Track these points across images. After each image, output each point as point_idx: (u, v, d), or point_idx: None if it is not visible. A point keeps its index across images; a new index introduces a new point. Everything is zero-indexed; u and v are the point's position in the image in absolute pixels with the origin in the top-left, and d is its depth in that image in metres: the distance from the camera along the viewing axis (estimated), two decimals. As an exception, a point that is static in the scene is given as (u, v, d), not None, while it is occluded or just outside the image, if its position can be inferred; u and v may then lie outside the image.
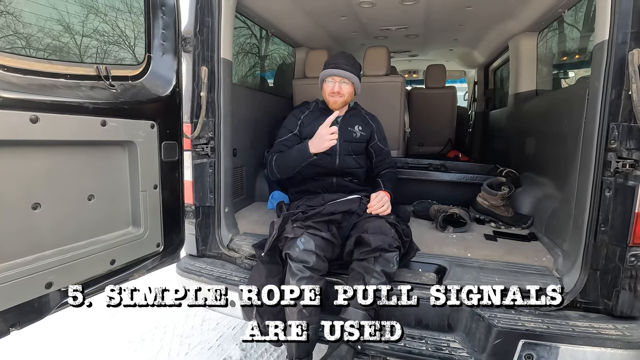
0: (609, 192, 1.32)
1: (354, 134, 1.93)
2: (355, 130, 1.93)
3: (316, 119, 1.91)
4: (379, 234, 1.50)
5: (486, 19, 2.74)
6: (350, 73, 1.85)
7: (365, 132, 1.96)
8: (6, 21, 1.18)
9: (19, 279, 1.01)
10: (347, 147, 1.91)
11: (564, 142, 1.76)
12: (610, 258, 1.35)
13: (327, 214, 1.62)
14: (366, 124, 1.99)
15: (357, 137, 1.93)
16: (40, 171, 1.08)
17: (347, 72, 1.84)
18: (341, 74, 1.83)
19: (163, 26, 1.48)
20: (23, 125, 0.99)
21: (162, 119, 1.44)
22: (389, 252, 1.46)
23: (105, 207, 1.28)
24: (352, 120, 1.95)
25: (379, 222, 1.57)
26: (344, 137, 1.89)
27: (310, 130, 1.84)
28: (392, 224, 1.58)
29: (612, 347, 1.24)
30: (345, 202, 1.72)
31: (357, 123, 1.95)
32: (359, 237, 1.52)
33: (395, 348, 1.39)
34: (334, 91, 1.85)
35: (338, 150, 1.88)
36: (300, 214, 1.62)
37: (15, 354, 2.07)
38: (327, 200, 1.75)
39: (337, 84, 1.84)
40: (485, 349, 1.32)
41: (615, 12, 1.28)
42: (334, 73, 1.84)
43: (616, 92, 1.30)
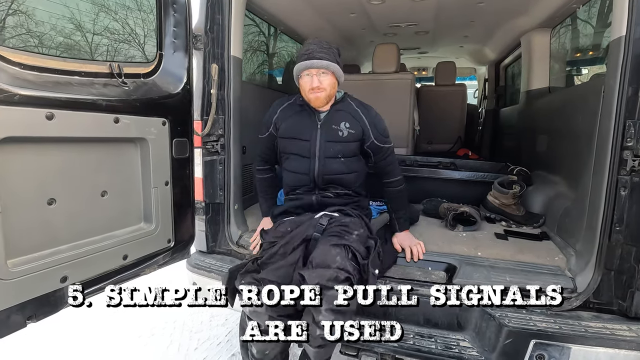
0: (624, 191, 1.30)
1: (340, 132, 1.62)
2: (341, 128, 1.62)
3: (294, 114, 1.69)
4: (320, 267, 1.26)
5: (498, 15, 2.70)
6: (327, 61, 1.55)
7: (354, 129, 1.63)
8: (20, 20, 1.20)
9: (35, 273, 1.04)
10: (330, 148, 1.62)
11: (577, 139, 1.73)
12: (625, 258, 1.32)
13: (284, 254, 1.40)
14: (356, 119, 1.65)
15: (344, 136, 1.62)
16: (55, 167, 1.10)
17: (323, 60, 1.55)
18: (316, 64, 1.55)
19: (174, 24, 1.50)
20: (39, 122, 1.01)
21: (173, 116, 1.46)
22: (331, 290, 1.21)
23: (117, 203, 1.30)
24: (337, 116, 1.64)
25: (324, 250, 1.31)
26: (327, 136, 1.62)
27: (286, 126, 1.67)
28: (344, 246, 1.32)
29: (626, 349, 1.21)
30: (303, 225, 1.50)
31: (343, 119, 1.64)
32: (300, 274, 1.29)
33: (404, 346, 1.38)
34: (312, 87, 1.56)
35: (317, 153, 1.61)
36: (251, 263, 1.46)
37: (28, 349, 2.12)
38: (294, 226, 1.53)
39: (314, 77, 1.56)
40: (496, 349, 1.31)
41: (634, 7, 1.25)
42: (309, 65, 1.56)
43: (633, 89, 1.27)
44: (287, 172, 1.71)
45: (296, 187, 1.69)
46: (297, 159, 1.66)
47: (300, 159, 1.65)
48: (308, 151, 1.63)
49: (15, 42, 1.15)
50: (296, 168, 1.66)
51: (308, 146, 1.64)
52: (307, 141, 1.64)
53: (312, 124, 1.65)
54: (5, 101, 0.93)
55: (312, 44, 1.61)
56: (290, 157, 1.70)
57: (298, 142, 1.66)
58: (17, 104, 0.96)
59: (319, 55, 1.55)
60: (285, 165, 1.73)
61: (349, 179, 1.66)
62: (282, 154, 1.74)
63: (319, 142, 1.62)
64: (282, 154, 1.74)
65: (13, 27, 1.19)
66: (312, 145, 1.63)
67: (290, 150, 1.69)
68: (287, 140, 1.69)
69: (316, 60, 1.55)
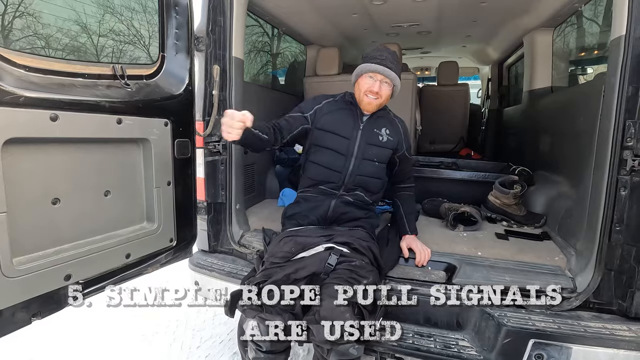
0: (624, 190, 1.30)
1: (380, 137, 1.67)
2: (382, 133, 1.67)
3: (340, 110, 1.69)
4: (328, 321, 1.22)
5: (500, 14, 2.69)
6: (395, 74, 1.60)
7: (393, 137, 1.69)
8: (27, 22, 1.22)
9: (40, 271, 1.06)
10: (368, 150, 1.64)
11: (579, 139, 1.73)
12: (625, 258, 1.32)
13: (287, 282, 1.35)
14: (395, 129, 1.72)
15: (383, 142, 1.67)
16: (59, 168, 1.12)
17: (392, 71, 1.58)
18: (386, 72, 1.57)
19: (176, 26, 1.52)
20: (44, 123, 1.03)
21: (175, 117, 1.48)
22: (340, 345, 1.23)
23: (120, 203, 1.33)
24: (380, 122, 1.69)
25: (331, 304, 1.26)
26: (368, 138, 1.64)
27: (327, 120, 1.66)
28: (351, 303, 1.28)
29: (625, 349, 1.22)
30: (311, 258, 1.44)
31: (384, 126, 1.69)
32: (308, 325, 1.26)
33: (403, 345, 1.39)
34: (373, 90, 1.58)
35: (355, 153, 1.62)
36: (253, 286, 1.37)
37: (32, 348, 2.15)
38: (299, 248, 1.48)
39: (378, 82, 1.58)
40: (495, 348, 1.31)
41: (634, 6, 1.25)
42: (378, 70, 1.57)
43: (633, 89, 1.27)
44: (316, 166, 1.65)
45: (321, 182, 1.64)
46: (332, 154, 1.63)
47: (336, 155, 1.62)
48: (346, 149, 1.62)
49: (21, 45, 1.18)
50: (329, 163, 1.63)
51: (347, 144, 1.63)
52: (347, 139, 1.63)
53: (355, 123, 1.66)
54: (11, 103, 0.96)
55: (385, 52, 1.62)
56: (324, 151, 1.64)
57: (337, 137, 1.64)
58: (23, 106, 0.98)
59: (390, 65, 1.58)
60: (315, 158, 1.66)
61: (375, 183, 1.68)
62: (313, 146, 1.67)
63: (358, 142, 1.63)
64: (314, 146, 1.67)
65: (19, 30, 1.21)
66: (352, 145, 1.63)
67: (326, 145, 1.64)
68: (325, 133, 1.65)
69: (387, 68, 1.57)
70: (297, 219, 1.65)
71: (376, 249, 1.56)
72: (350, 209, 1.64)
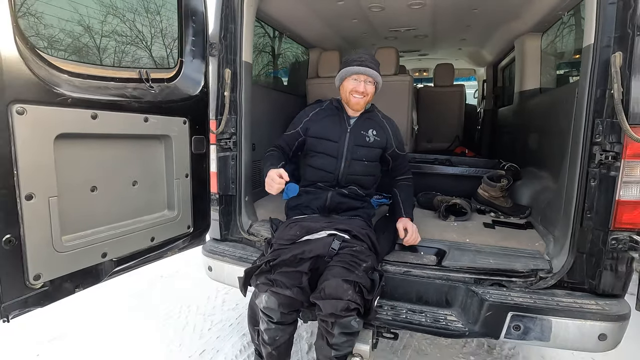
0: (594, 181, 1.46)
1: (367, 137, 1.82)
2: (368, 135, 1.82)
3: (327, 117, 1.87)
4: (332, 298, 1.37)
5: (492, 19, 2.86)
6: (377, 72, 1.75)
7: (380, 137, 1.84)
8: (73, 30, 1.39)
9: (82, 248, 1.23)
10: (357, 151, 1.80)
11: (559, 137, 1.89)
12: (594, 242, 1.48)
13: (294, 261, 1.50)
14: (382, 129, 1.87)
15: (370, 142, 1.82)
16: (97, 160, 1.29)
17: (374, 71, 1.74)
18: (368, 72, 1.72)
19: (193, 34, 1.68)
20: (86, 120, 1.20)
21: (192, 116, 1.64)
22: (344, 318, 1.37)
23: (146, 192, 1.49)
24: (366, 124, 1.84)
25: (335, 282, 1.40)
26: (355, 140, 1.80)
27: (318, 128, 1.83)
28: (353, 282, 1.41)
29: (591, 320, 1.38)
30: (316, 242, 1.58)
31: (372, 127, 1.84)
32: (313, 301, 1.42)
33: (397, 320, 1.56)
34: (358, 90, 1.73)
35: (344, 154, 1.78)
36: (264, 265, 1.51)
37: (61, 324, 2.32)
38: (303, 232, 1.63)
39: (362, 83, 1.73)
40: (478, 320, 1.48)
41: (600, 17, 1.41)
42: (361, 71, 1.72)
43: (601, 91, 1.43)
44: (311, 169, 1.84)
45: (317, 181, 1.85)
46: (324, 158, 1.80)
47: (328, 158, 1.80)
48: (336, 152, 1.77)
49: (63, 53, 1.35)
50: (322, 165, 1.81)
51: (336, 147, 1.81)
52: (336, 143, 1.82)
53: (342, 128, 1.84)
54: (62, 103, 1.12)
55: (364, 54, 1.77)
56: (317, 155, 1.85)
57: (327, 142, 1.83)
58: (70, 106, 1.14)
59: (370, 65, 1.74)
60: (310, 162, 1.88)
61: (367, 180, 1.86)
62: (308, 151, 1.90)
63: (347, 144, 1.80)
64: (309, 152, 1.89)
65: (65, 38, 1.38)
66: (341, 147, 1.79)
67: (318, 149, 1.85)
68: (316, 139, 1.85)
69: (369, 69, 1.73)
70: (299, 209, 1.84)
71: (373, 236, 1.71)
72: (346, 200, 1.82)
